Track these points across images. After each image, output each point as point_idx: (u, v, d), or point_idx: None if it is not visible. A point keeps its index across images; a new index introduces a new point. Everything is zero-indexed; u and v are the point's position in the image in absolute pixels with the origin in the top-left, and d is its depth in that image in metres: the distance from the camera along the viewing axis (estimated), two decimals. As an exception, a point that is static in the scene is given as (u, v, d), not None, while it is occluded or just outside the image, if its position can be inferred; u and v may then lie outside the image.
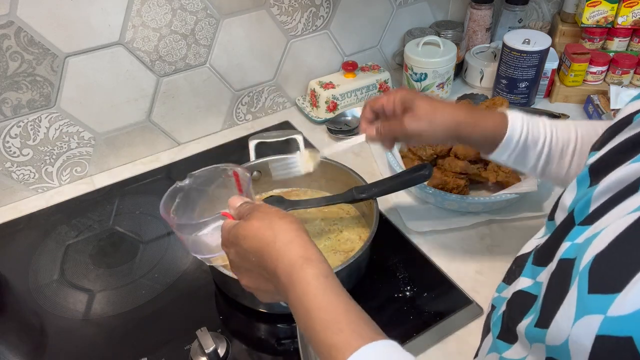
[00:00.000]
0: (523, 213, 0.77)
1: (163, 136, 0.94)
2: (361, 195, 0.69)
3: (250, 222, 0.45)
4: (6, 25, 0.71)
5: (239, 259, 0.47)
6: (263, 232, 0.44)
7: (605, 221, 0.32)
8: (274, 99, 1.04)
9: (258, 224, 0.45)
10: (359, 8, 1.01)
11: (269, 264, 0.43)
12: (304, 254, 0.42)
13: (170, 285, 0.70)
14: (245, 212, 0.47)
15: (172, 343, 0.61)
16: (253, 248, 0.44)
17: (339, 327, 0.37)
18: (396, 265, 0.70)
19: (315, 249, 0.43)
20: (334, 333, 0.37)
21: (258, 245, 0.44)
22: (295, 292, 0.41)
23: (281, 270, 0.42)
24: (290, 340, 0.62)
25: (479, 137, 0.58)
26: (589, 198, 0.36)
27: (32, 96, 0.78)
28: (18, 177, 0.84)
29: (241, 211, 0.48)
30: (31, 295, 0.70)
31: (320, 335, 0.38)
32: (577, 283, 0.30)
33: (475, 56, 1.09)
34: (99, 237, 0.78)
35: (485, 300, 0.65)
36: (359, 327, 0.38)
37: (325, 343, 0.37)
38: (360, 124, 0.63)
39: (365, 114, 0.62)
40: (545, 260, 0.38)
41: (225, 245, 0.48)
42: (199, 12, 0.84)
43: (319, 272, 0.41)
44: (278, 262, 0.42)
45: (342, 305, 0.39)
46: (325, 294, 0.40)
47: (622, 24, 1.05)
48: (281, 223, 0.44)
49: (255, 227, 0.44)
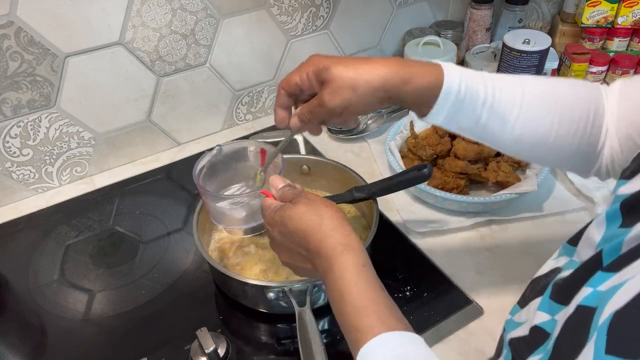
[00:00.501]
0: (523, 213, 0.77)
1: (163, 136, 0.94)
2: (361, 195, 0.69)
3: (298, 206, 0.48)
4: (6, 25, 0.71)
5: (281, 238, 0.50)
6: (309, 216, 0.47)
7: (632, 270, 0.30)
8: (274, 99, 1.03)
9: (305, 208, 0.48)
10: (359, 8, 1.01)
11: (312, 245, 0.46)
12: (345, 241, 0.45)
13: (170, 285, 0.70)
14: (290, 196, 0.51)
15: (172, 343, 0.61)
16: (298, 229, 0.47)
17: (366, 313, 0.41)
18: (396, 265, 0.70)
19: (356, 238, 0.46)
20: (361, 317, 0.41)
21: (304, 227, 0.47)
22: (333, 275, 0.44)
23: (323, 253, 0.45)
24: (290, 340, 0.62)
25: (413, 97, 0.49)
26: (620, 242, 0.33)
27: (32, 96, 0.78)
28: (18, 177, 0.84)
29: (285, 194, 0.52)
30: (31, 295, 0.70)
31: (349, 317, 0.42)
32: (595, 339, 0.28)
33: (475, 56, 1.09)
34: (99, 237, 0.78)
35: (485, 300, 0.65)
36: (384, 316, 0.41)
37: (352, 325, 0.41)
38: (275, 113, 0.54)
39: (280, 101, 0.53)
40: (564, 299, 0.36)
41: (269, 224, 0.51)
42: (199, 12, 0.84)
43: (358, 260, 0.44)
44: (322, 245, 0.45)
45: (373, 294, 0.42)
46: (360, 281, 0.43)
47: (622, 24, 1.05)
48: (327, 210, 0.48)
49: (302, 211, 0.48)
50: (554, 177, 0.84)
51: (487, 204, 0.75)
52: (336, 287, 0.43)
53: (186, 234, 0.78)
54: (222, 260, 0.70)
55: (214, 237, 0.73)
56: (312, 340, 0.54)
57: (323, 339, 0.55)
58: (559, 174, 0.84)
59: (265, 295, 0.59)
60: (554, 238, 0.74)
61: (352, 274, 0.43)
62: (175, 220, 0.80)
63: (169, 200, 0.84)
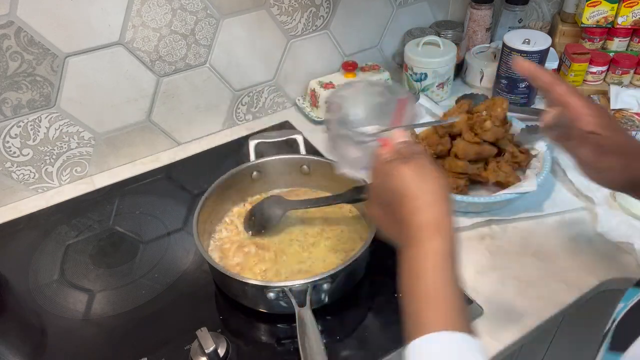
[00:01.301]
0: (523, 213, 0.77)
1: (163, 136, 0.94)
2: (361, 195, 0.69)
3: (406, 167, 0.47)
4: (6, 25, 0.71)
5: (379, 191, 0.50)
6: (413, 182, 0.46)
7: None
8: (274, 99, 1.04)
9: (412, 172, 0.46)
10: (359, 8, 1.01)
11: (405, 213, 0.45)
12: (438, 221, 0.44)
13: (170, 285, 0.70)
14: (406, 154, 0.48)
15: (172, 343, 0.61)
16: (397, 190, 0.46)
17: (435, 305, 0.40)
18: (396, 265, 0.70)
19: (451, 221, 0.45)
20: (428, 308, 0.40)
21: (403, 191, 0.46)
22: (416, 253, 0.43)
23: (413, 226, 0.44)
24: (290, 340, 0.62)
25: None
26: None
27: (32, 96, 0.78)
28: (18, 177, 0.84)
29: (402, 150, 0.49)
30: (31, 295, 0.69)
31: (416, 302, 0.41)
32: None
33: (475, 56, 1.09)
34: (99, 237, 0.78)
35: (485, 300, 0.65)
36: (452, 314, 0.40)
37: (416, 312, 0.41)
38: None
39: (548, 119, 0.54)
40: None
41: (374, 172, 0.51)
42: (199, 12, 0.84)
43: (444, 248, 0.43)
44: (414, 217, 0.44)
45: (449, 289, 0.41)
46: (439, 272, 0.42)
47: (622, 24, 1.05)
48: (433, 183, 0.46)
49: (408, 175, 0.46)
50: (554, 177, 0.84)
51: (487, 204, 0.75)
52: (414, 266, 0.43)
53: (186, 234, 0.78)
54: (222, 260, 0.70)
55: (214, 237, 0.73)
56: (312, 340, 0.54)
57: (323, 339, 0.55)
58: (559, 174, 0.84)
59: (265, 295, 0.59)
60: (554, 238, 0.74)
61: (434, 261, 0.42)
62: (175, 220, 0.80)
63: (169, 200, 0.84)
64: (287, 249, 0.71)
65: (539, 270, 0.69)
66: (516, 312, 0.64)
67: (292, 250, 0.71)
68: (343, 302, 0.65)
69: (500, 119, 0.82)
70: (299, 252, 0.71)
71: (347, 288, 0.65)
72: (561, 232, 0.75)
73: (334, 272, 0.59)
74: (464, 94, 1.03)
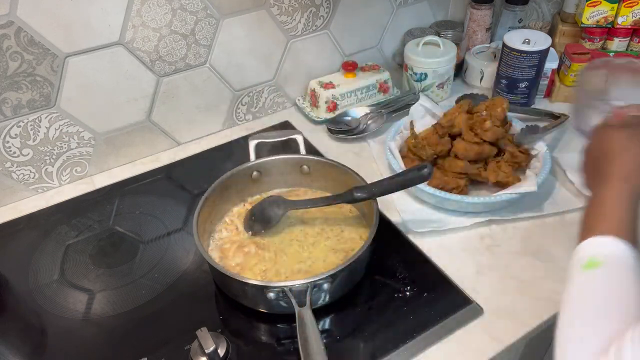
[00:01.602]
0: (523, 213, 0.77)
1: (163, 136, 0.94)
2: (361, 195, 0.69)
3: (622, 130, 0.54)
4: (6, 25, 0.71)
5: (592, 147, 0.58)
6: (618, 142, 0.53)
7: None
8: (274, 99, 1.04)
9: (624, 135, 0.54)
10: (359, 8, 1.01)
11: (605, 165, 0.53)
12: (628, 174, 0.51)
13: (170, 285, 0.70)
14: (631, 124, 0.56)
15: (172, 343, 0.61)
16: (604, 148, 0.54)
17: (611, 219, 0.48)
18: (396, 265, 0.70)
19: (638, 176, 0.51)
20: (605, 219, 0.48)
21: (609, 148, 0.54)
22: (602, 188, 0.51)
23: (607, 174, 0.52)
24: (290, 340, 0.62)
25: None
26: None
27: (32, 96, 0.78)
28: (18, 177, 0.84)
29: (630, 121, 0.57)
30: (31, 295, 0.70)
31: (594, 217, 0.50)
32: None
33: (475, 56, 1.09)
34: (99, 237, 0.78)
35: (485, 300, 0.65)
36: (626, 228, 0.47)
37: (593, 218, 0.50)
38: None
39: None
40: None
41: (595, 132, 0.58)
42: (199, 12, 0.84)
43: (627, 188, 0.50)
44: (609, 167, 0.52)
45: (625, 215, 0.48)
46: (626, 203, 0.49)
47: (622, 24, 1.05)
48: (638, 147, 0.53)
49: (620, 137, 0.54)
50: (554, 177, 0.84)
51: (487, 204, 0.75)
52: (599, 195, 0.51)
53: (186, 234, 0.78)
54: (222, 260, 0.70)
55: (214, 237, 0.73)
56: (312, 340, 0.54)
57: (323, 339, 0.55)
58: (559, 174, 0.84)
59: (265, 295, 0.59)
60: (554, 238, 0.74)
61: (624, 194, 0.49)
62: (175, 220, 0.80)
63: (169, 200, 0.84)
64: (287, 248, 0.71)
65: (539, 270, 0.69)
66: (516, 312, 0.64)
67: (292, 250, 0.71)
68: (343, 302, 0.65)
69: (500, 119, 0.82)
70: (299, 252, 0.71)
71: (347, 288, 0.65)
72: (561, 232, 0.75)
73: (334, 272, 0.59)
74: (464, 94, 1.03)
